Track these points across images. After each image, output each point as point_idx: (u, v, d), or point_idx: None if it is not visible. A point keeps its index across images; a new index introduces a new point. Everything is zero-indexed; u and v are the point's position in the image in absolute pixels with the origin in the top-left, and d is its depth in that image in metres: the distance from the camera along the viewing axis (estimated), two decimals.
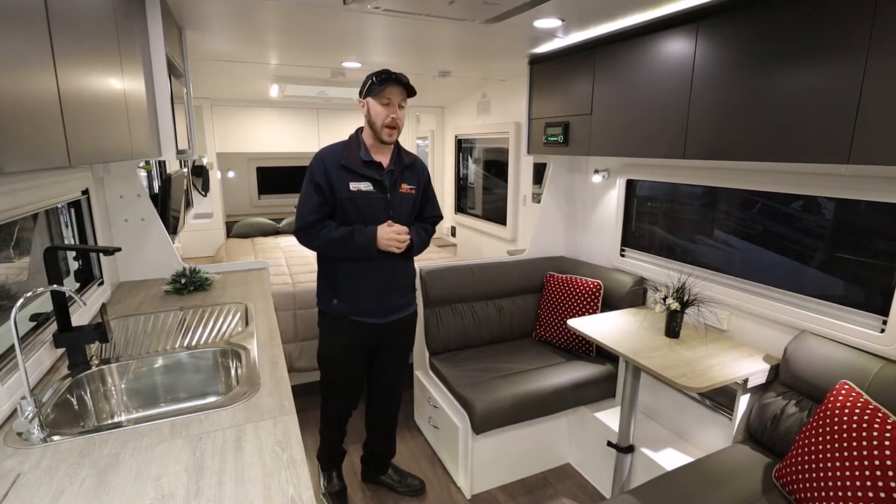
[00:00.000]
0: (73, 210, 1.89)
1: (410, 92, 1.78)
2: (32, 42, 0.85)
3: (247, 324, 1.78)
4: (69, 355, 1.43)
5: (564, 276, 2.74)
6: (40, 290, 1.26)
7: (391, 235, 1.80)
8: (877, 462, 1.25)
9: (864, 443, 1.29)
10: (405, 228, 1.85)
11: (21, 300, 1.14)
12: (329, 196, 1.80)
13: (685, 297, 2.00)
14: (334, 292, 1.89)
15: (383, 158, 1.86)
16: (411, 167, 1.93)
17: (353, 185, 1.80)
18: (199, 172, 4.30)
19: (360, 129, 1.89)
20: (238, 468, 0.98)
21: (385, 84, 1.72)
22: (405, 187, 1.89)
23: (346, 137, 1.90)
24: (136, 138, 1.51)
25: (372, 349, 2.03)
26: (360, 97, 1.81)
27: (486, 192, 4.36)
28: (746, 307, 2.01)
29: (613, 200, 2.73)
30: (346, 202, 1.80)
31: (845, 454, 1.32)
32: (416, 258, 2.02)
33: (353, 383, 2.05)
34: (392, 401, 2.20)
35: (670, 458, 2.04)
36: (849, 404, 1.40)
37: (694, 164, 2.21)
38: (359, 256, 1.82)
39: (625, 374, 2.02)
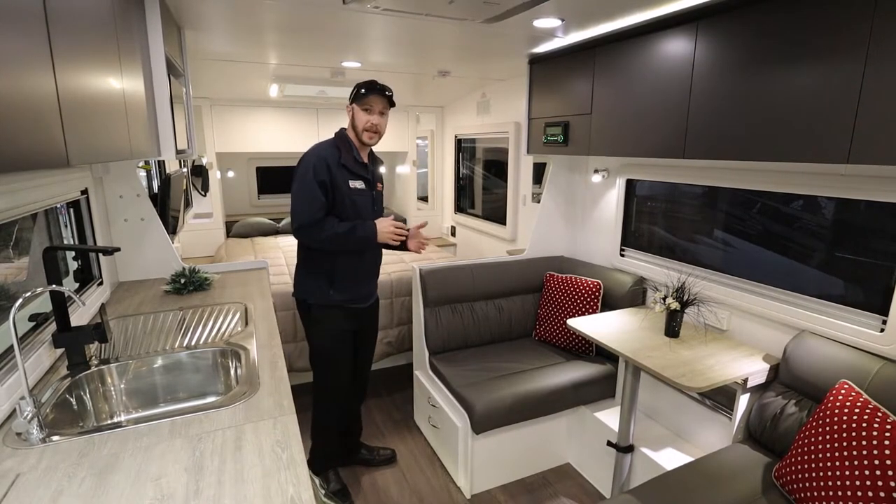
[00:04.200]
0: (72, 210, 1.89)
1: (391, 102, 1.96)
2: (31, 41, 0.85)
3: (246, 324, 1.78)
4: (68, 355, 1.43)
5: (564, 275, 2.74)
6: (39, 290, 1.26)
7: (391, 230, 1.98)
8: (877, 462, 1.25)
9: (864, 442, 1.29)
10: (401, 224, 2.03)
11: (20, 300, 1.14)
12: (330, 193, 1.91)
13: (685, 297, 2.00)
14: (331, 284, 2.00)
15: (366, 159, 2.06)
16: (378, 169, 2.15)
17: (352, 184, 1.96)
18: (199, 172, 4.29)
19: (344, 130, 2.03)
20: (237, 468, 0.98)
21: (369, 93, 1.91)
22: (378, 186, 2.12)
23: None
24: (136, 138, 1.51)
25: (355, 332, 2.14)
26: (349, 104, 1.98)
27: (486, 192, 4.36)
28: (746, 307, 2.01)
29: (613, 200, 2.73)
30: (346, 199, 1.94)
31: (845, 454, 1.32)
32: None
33: (350, 368, 2.16)
34: (365, 378, 2.36)
35: (670, 458, 2.04)
36: (848, 404, 1.40)
37: (694, 164, 2.21)
38: (357, 249, 1.98)
39: (624, 374, 2.02)
